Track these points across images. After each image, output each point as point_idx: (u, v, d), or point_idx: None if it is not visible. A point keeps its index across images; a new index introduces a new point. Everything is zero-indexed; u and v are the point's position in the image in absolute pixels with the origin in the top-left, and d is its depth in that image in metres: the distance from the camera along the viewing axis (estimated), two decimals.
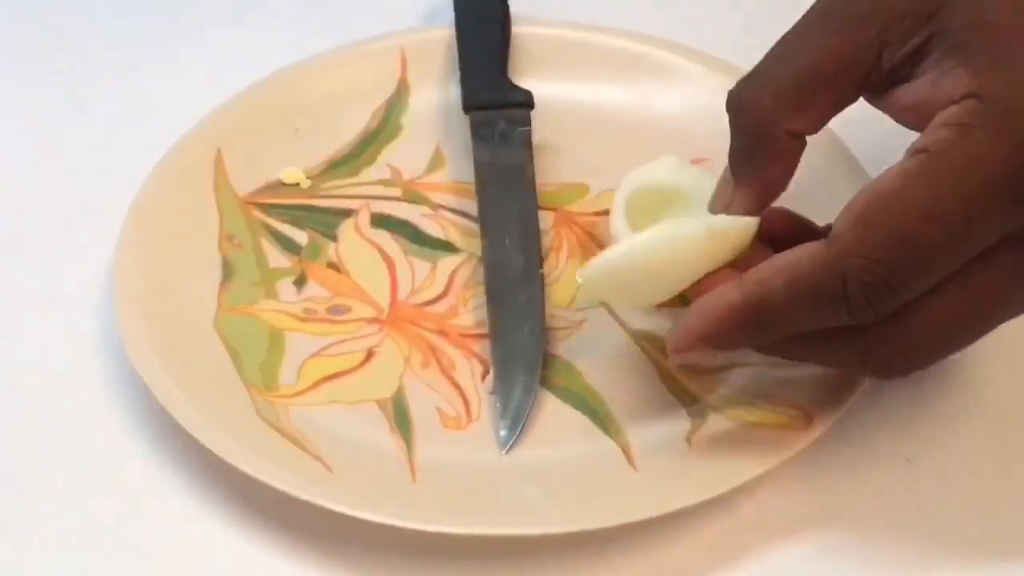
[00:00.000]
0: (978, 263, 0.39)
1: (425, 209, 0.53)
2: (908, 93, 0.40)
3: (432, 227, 0.52)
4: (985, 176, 0.38)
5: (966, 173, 0.38)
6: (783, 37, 0.42)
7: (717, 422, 0.45)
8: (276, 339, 0.48)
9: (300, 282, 0.50)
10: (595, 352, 0.48)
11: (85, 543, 0.44)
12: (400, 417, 0.46)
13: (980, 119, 0.38)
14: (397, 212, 0.53)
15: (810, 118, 0.41)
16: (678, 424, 0.45)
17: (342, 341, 0.48)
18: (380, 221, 0.53)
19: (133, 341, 0.46)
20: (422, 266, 0.51)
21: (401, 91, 0.56)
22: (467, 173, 0.54)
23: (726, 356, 0.44)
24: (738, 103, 0.42)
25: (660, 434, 0.45)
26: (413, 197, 0.53)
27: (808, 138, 0.43)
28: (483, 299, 0.49)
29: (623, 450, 0.45)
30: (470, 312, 0.49)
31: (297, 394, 0.46)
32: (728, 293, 0.41)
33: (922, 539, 0.44)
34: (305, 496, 0.42)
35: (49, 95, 0.59)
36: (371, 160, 0.55)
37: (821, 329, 0.41)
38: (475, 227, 0.52)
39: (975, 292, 0.40)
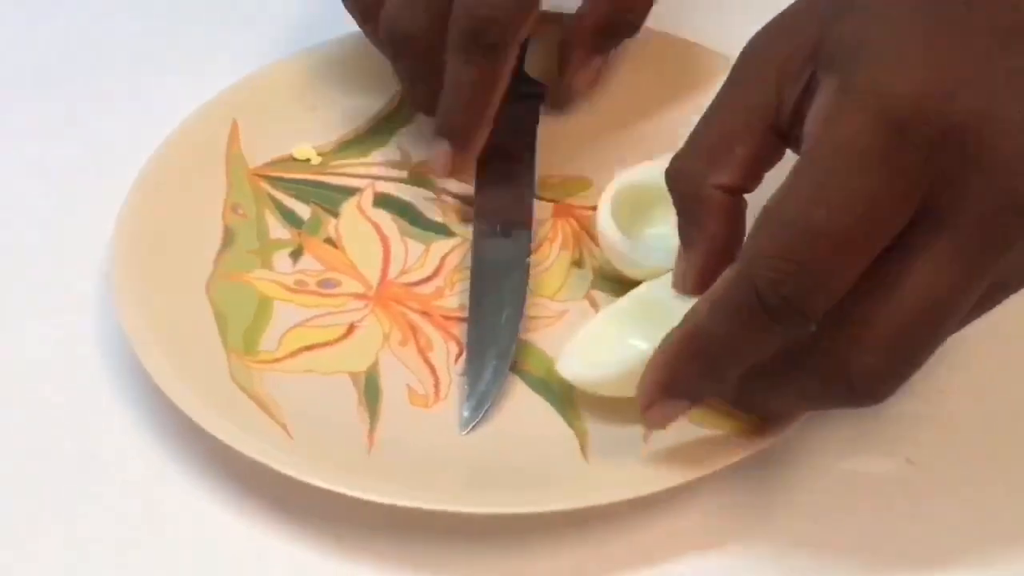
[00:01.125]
0: (900, 252, 0.39)
1: (428, 192, 0.54)
2: (805, 124, 0.41)
3: (431, 210, 0.54)
4: (856, 152, 0.39)
5: (839, 155, 0.39)
6: (706, 109, 0.44)
7: (678, 423, 0.45)
8: (264, 307, 0.50)
9: (296, 254, 0.52)
10: None
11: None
12: (370, 391, 0.47)
13: (844, 106, 0.39)
14: (400, 193, 0.54)
15: (733, 171, 0.42)
16: (639, 423, 0.45)
17: (327, 314, 0.50)
18: (382, 201, 0.54)
19: (122, 294, 0.48)
20: (416, 247, 0.52)
21: None
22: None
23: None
24: (671, 172, 0.44)
25: (619, 429, 0.46)
26: (418, 180, 0.55)
27: None
28: (469, 283, 0.50)
29: (579, 440, 0.46)
30: (455, 295, 0.50)
31: (275, 360, 0.48)
32: (670, 335, 0.42)
33: (922, 539, 0.44)
34: (257, 456, 0.43)
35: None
36: (383, 142, 0.56)
37: (776, 362, 0.41)
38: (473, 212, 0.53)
39: (912, 284, 0.39)
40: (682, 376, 0.42)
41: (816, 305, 0.39)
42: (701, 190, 0.42)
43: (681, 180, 0.43)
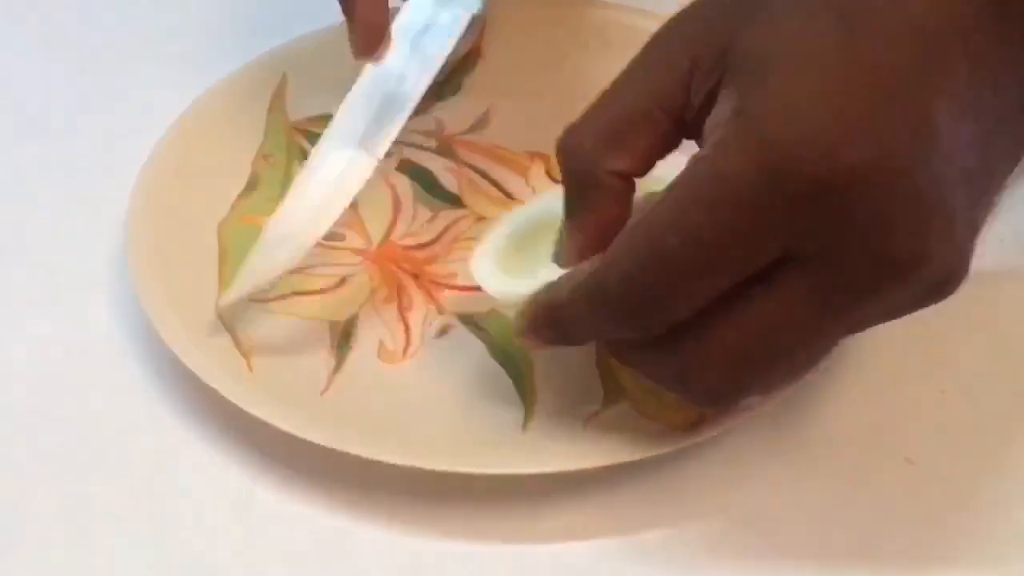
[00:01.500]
0: (762, 286, 0.39)
1: (451, 163, 0.56)
2: (704, 128, 0.41)
3: (449, 180, 0.56)
4: (726, 189, 0.38)
5: (708, 187, 0.39)
6: (611, 83, 0.43)
7: (622, 410, 0.47)
8: None
9: None
10: None
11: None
12: (343, 340, 0.50)
13: (734, 134, 0.39)
14: (424, 161, 0.56)
15: (630, 158, 0.42)
16: (587, 405, 0.47)
17: (324, 264, 0.52)
18: (405, 166, 0.56)
19: (135, 217, 0.51)
20: (424, 213, 0.54)
21: (472, 56, 0.60)
22: (507, 139, 0.57)
23: None
24: (563, 146, 0.43)
25: (565, 408, 0.47)
26: (445, 151, 0.57)
27: None
28: (466, 255, 0.51)
29: (525, 411, 0.47)
30: (449, 263, 0.52)
31: (262, 301, 0.50)
32: (535, 296, 0.44)
33: (922, 539, 0.45)
34: (209, 381, 0.46)
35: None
36: (421, 110, 0.57)
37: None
38: (490, 189, 0.55)
39: (761, 315, 0.40)
40: (542, 335, 0.44)
41: (655, 323, 0.41)
42: (595, 173, 0.42)
43: (575, 159, 0.43)
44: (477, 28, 0.60)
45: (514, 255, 0.47)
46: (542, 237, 0.45)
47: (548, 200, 0.47)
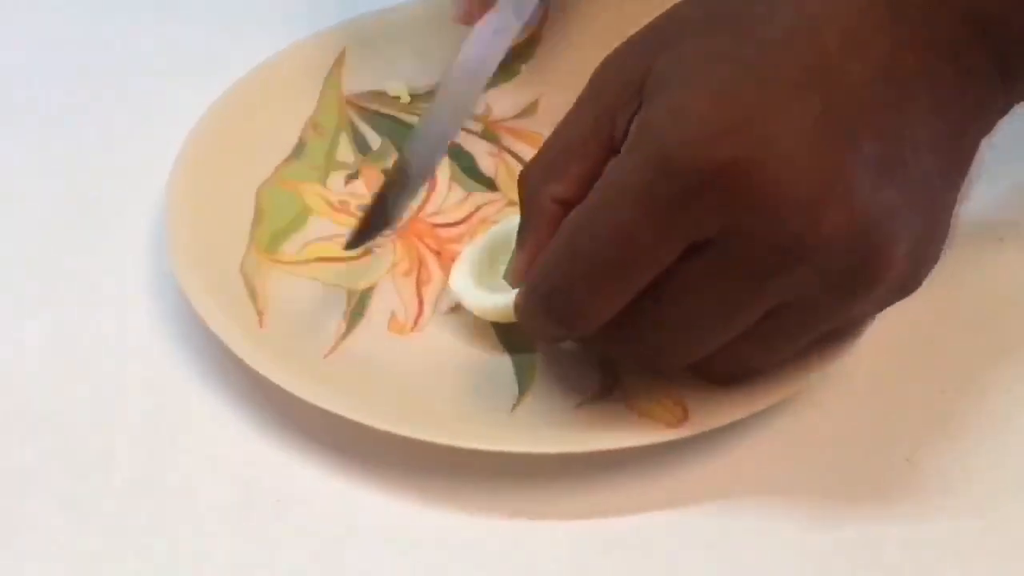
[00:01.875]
0: (671, 276, 0.42)
1: (492, 148, 0.58)
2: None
3: (487, 164, 0.57)
4: (625, 189, 0.42)
5: (611, 190, 0.43)
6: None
7: (611, 401, 0.47)
8: (302, 216, 0.54)
9: (352, 178, 0.56)
10: None
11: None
12: (358, 307, 0.51)
13: (633, 141, 0.42)
14: (466, 143, 0.58)
15: (568, 185, 0.45)
16: (580, 392, 0.48)
17: None
18: (448, 147, 0.57)
19: (177, 171, 0.53)
20: (458, 193, 0.56)
21: (531, 42, 0.61)
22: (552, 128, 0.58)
23: None
24: (520, 176, 0.47)
25: (558, 395, 0.48)
26: (488, 135, 0.58)
27: None
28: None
29: (519, 394, 0.48)
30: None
31: (288, 263, 0.52)
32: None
33: (922, 539, 0.45)
34: (216, 330, 0.48)
35: None
36: None
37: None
38: None
39: (672, 297, 0.43)
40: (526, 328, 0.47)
41: (577, 322, 0.44)
42: (538, 198, 0.46)
43: (524, 186, 0.47)
44: (540, 12, 0.61)
45: (488, 269, 0.50)
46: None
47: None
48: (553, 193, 0.45)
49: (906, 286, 0.44)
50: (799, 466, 0.47)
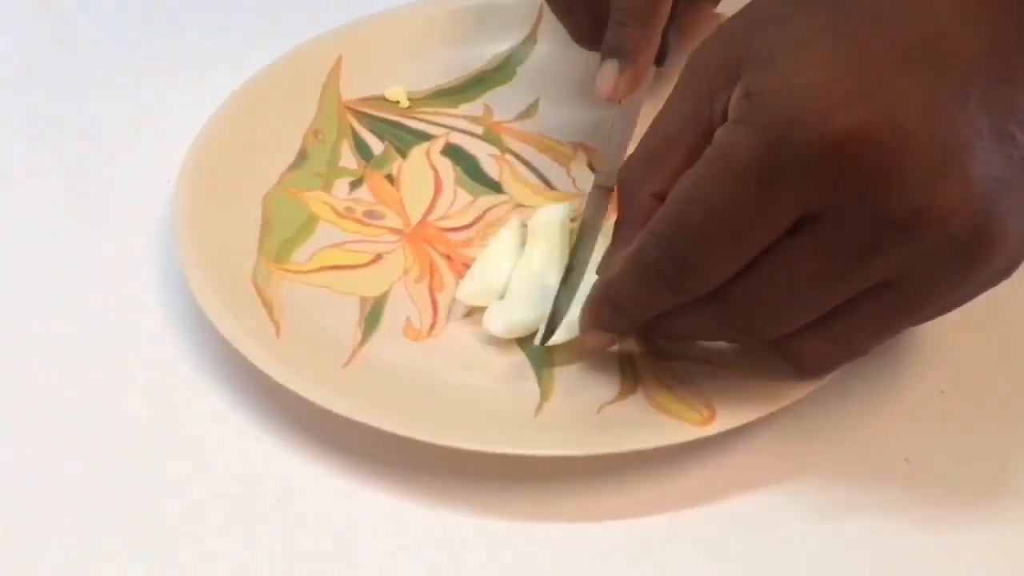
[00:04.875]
0: (780, 247, 0.42)
1: (495, 150, 0.57)
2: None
3: (491, 167, 0.57)
4: (734, 162, 0.42)
5: (720, 162, 0.42)
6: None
7: (635, 401, 0.47)
8: (310, 224, 0.54)
9: (356, 184, 0.56)
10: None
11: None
12: (372, 315, 0.51)
13: (742, 112, 0.42)
14: (469, 146, 0.58)
15: (667, 179, 0.45)
16: (602, 393, 0.48)
17: (361, 241, 0.53)
18: (450, 150, 0.57)
19: (183, 184, 0.53)
20: (464, 197, 0.56)
21: (528, 42, 0.61)
22: (555, 129, 0.58)
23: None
24: (620, 173, 0.48)
25: (581, 397, 0.48)
26: (491, 137, 0.58)
27: None
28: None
29: (541, 398, 0.48)
30: (482, 247, 0.53)
31: (298, 272, 0.52)
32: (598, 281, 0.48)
33: (922, 539, 0.45)
34: (234, 342, 0.47)
35: None
36: (472, 98, 0.60)
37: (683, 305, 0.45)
38: (531, 177, 0.56)
39: (778, 270, 0.43)
40: (602, 315, 0.47)
41: (691, 285, 0.44)
42: (638, 195, 0.47)
43: (622, 185, 0.47)
44: (536, 11, 0.61)
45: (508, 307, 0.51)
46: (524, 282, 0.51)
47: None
48: (654, 189, 0.46)
49: (1009, 268, 0.43)
50: (799, 466, 0.47)
